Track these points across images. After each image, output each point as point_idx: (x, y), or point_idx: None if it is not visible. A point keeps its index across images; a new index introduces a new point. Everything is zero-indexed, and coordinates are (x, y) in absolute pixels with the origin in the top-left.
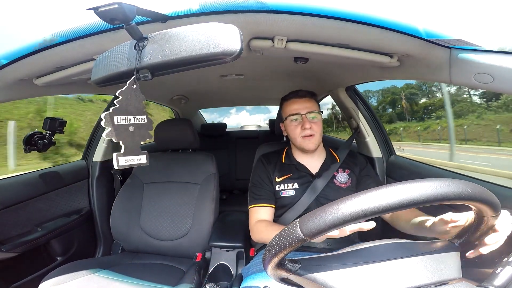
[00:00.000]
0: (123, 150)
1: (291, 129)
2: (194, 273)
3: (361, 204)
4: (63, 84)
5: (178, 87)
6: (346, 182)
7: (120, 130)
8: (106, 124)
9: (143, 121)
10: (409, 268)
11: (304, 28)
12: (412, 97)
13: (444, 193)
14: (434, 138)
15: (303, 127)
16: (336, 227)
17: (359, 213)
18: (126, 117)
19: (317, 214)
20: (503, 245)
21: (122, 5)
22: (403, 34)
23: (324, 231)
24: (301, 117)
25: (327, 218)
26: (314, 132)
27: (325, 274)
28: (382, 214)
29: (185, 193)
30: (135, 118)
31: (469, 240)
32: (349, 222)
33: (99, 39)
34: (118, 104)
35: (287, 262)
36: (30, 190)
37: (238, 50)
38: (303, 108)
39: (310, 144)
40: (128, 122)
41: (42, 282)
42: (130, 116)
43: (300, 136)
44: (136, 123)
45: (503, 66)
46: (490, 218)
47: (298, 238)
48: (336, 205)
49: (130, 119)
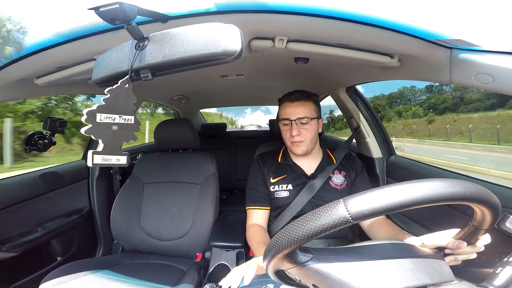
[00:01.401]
0: (100, 148)
1: (283, 132)
2: (194, 273)
3: (419, 191)
4: (64, 84)
5: (178, 87)
6: (341, 184)
7: (101, 128)
8: (87, 120)
9: (129, 122)
10: (422, 267)
11: (304, 28)
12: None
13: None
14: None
15: (291, 133)
16: (386, 211)
17: (411, 200)
18: (110, 115)
19: (366, 195)
20: (503, 245)
21: (123, 5)
22: (403, 34)
23: (374, 214)
24: (291, 123)
25: (379, 200)
26: (303, 138)
27: (339, 266)
28: (435, 204)
29: (185, 193)
30: (121, 117)
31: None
32: (400, 207)
33: (100, 39)
34: (104, 102)
35: (299, 252)
36: (30, 190)
37: (239, 50)
38: (294, 113)
39: (297, 150)
40: (112, 121)
41: (42, 282)
42: (115, 115)
43: (289, 141)
44: (121, 123)
45: (503, 67)
46: (482, 230)
47: (343, 219)
48: (389, 188)
49: (115, 118)
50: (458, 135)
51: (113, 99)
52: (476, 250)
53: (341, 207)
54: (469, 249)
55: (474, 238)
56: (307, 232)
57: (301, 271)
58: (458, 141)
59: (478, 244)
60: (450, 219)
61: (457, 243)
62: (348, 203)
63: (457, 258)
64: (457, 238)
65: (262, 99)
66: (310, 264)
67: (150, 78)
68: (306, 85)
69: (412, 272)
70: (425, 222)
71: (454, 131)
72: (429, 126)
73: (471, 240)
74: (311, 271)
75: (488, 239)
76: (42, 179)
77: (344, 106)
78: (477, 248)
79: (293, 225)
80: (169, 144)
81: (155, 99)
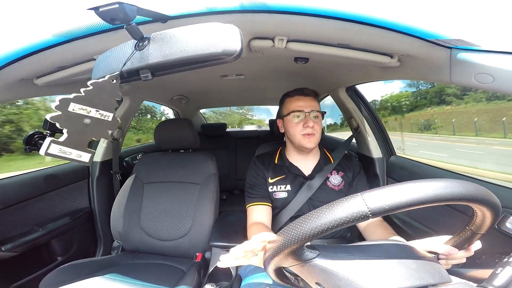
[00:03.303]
0: (62, 139)
1: (292, 125)
2: (194, 273)
3: (437, 189)
4: (64, 84)
5: (178, 87)
6: (339, 184)
7: (71, 118)
8: (58, 107)
9: (106, 119)
10: (425, 267)
11: (304, 28)
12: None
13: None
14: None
15: (305, 124)
16: (404, 207)
17: (429, 198)
18: (86, 108)
19: (384, 190)
20: (503, 245)
21: (122, 5)
22: (403, 34)
23: (392, 209)
24: (305, 115)
25: (398, 195)
26: (315, 131)
27: (345, 264)
28: (451, 203)
29: (185, 193)
30: (98, 112)
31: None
32: (416, 204)
33: (100, 39)
34: (84, 93)
35: (306, 248)
36: (30, 190)
37: (239, 50)
38: (308, 106)
39: (309, 143)
40: (86, 114)
41: (42, 282)
42: (92, 108)
43: (301, 133)
44: (96, 118)
45: (503, 66)
46: (478, 235)
47: (362, 214)
48: (407, 184)
49: (90, 111)
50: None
51: (95, 92)
52: (468, 254)
53: (360, 201)
54: (461, 254)
55: (468, 243)
56: (321, 226)
57: (304, 268)
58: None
59: (472, 249)
60: (450, 219)
61: (450, 250)
62: (366, 197)
63: (448, 263)
64: (451, 243)
65: (262, 99)
66: (316, 261)
67: (150, 78)
68: (306, 85)
69: (416, 272)
70: (425, 222)
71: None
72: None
73: (464, 245)
74: (317, 268)
75: (480, 244)
76: (42, 179)
77: (344, 106)
78: (469, 253)
79: (305, 218)
80: (169, 144)
81: (155, 99)
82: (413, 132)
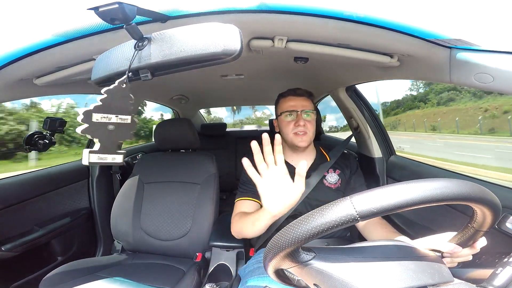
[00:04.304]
0: (97, 148)
1: (284, 125)
2: (194, 273)
3: (426, 189)
4: (63, 84)
5: (178, 87)
6: (336, 182)
7: (97, 128)
8: (84, 120)
9: (126, 121)
10: (423, 267)
11: (304, 28)
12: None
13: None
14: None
15: (296, 123)
16: (393, 210)
17: (418, 199)
18: (107, 115)
19: (373, 193)
20: (503, 245)
21: (122, 5)
22: (403, 34)
23: (381, 212)
24: (296, 114)
25: (387, 198)
26: (307, 130)
27: (341, 266)
28: (441, 203)
29: (185, 193)
30: (118, 117)
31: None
32: (406, 206)
33: (99, 39)
34: (101, 101)
35: (301, 250)
36: (30, 190)
37: (238, 50)
38: (300, 105)
39: (301, 142)
40: (108, 121)
41: (42, 282)
42: (112, 115)
43: (292, 132)
44: (118, 122)
45: (503, 66)
46: (481, 232)
47: (351, 217)
48: (396, 186)
49: (111, 117)
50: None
51: (110, 99)
52: (474, 252)
53: (348, 204)
54: (466, 251)
55: (472, 241)
56: (312, 230)
57: (302, 270)
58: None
59: (477, 246)
60: (450, 219)
61: (454, 248)
62: (355, 200)
63: (454, 261)
64: (455, 240)
65: (262, 99)
66: (312, 263)
67: (149, 78)
68: (306, 84)
69: (414, 272)
70: (425, 222)
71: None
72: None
73: (468, 242)
74: (313, 270)
75: (485, 241)
76: (42, 179)
77: (344, 106)
78: (475, 250)
79: (297, 223)
80: (169, 143)
81: (155, 99)
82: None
